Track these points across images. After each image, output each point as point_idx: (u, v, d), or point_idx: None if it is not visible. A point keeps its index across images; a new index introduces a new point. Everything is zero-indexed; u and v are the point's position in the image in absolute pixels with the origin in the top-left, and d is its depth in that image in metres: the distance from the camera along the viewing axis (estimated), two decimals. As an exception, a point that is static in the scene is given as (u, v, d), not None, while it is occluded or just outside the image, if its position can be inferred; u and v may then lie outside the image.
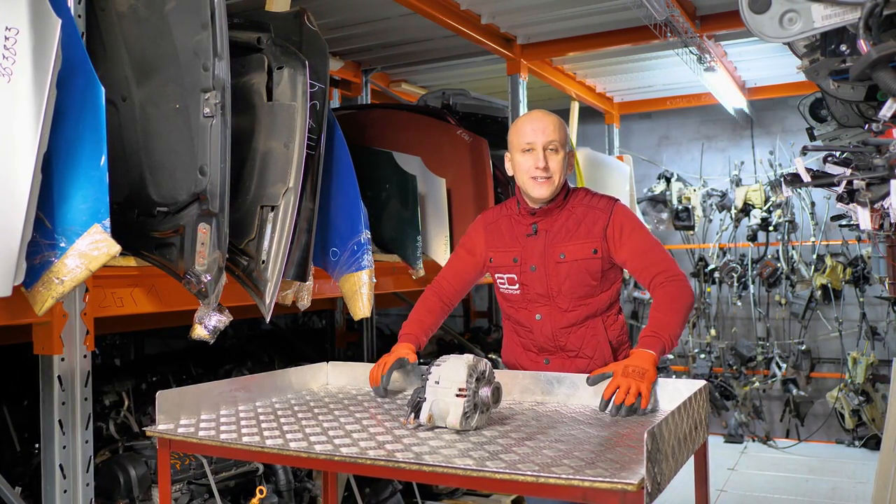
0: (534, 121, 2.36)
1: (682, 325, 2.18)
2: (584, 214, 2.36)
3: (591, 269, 2.33)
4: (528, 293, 2.40)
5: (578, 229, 2.35)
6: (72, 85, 1.92)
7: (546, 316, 2.38)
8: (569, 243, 2.34)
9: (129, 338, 4.55)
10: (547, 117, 2.36)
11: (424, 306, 2.50)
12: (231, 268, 2.47)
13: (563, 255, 2.33)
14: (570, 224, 2.36)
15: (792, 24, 1.62)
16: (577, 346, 2.37)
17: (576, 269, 2.33)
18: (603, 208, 2.36)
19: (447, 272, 2.56)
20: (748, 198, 6.63)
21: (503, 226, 2.48)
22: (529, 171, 2.32)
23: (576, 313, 2.36)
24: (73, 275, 1.91)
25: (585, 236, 2.34)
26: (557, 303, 2.36)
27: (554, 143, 2.31)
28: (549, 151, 2.31)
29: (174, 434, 1.86)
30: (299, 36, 2.74)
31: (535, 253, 2.37)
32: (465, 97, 5.23)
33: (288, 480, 3.19)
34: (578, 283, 2.34)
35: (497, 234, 2.47)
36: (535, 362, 2.42)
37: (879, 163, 2.11)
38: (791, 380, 6.49)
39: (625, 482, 1.36)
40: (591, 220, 2.34)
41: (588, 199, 2.40)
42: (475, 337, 5.67)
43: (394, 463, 1.57)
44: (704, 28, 4.57)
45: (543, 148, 2.31)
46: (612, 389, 1.95)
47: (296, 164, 2.47)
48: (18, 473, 2.82)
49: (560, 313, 2.36)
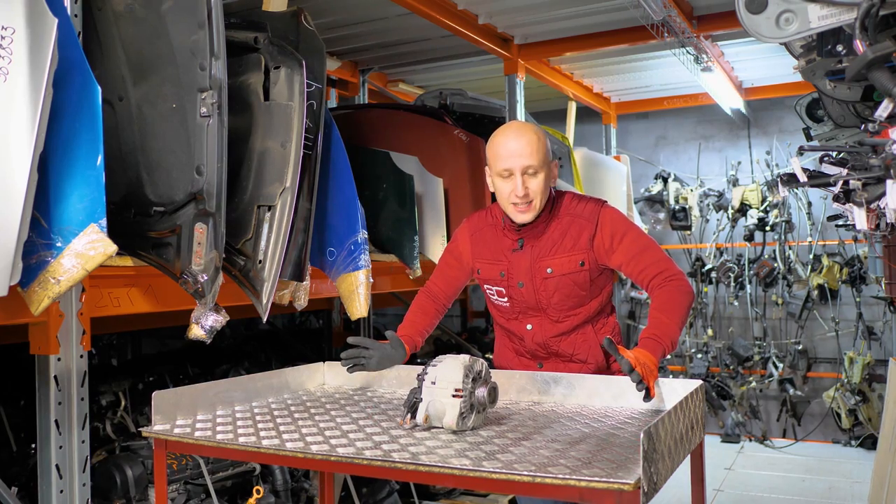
0: (509, 142, 2.22)
1: (682, 325, 2.15)
2: (569, 224, 2.29)
3: (579, 282, 2.29)
4: (517, 306, 2.37)
5: (564, 241, 2.29)
6: (68, 84, 1.92)
7: (537, 326, 2.36)
8: (555, 257, 2.29)
9: (126, 338, 4.54)
10: (523, 136, 2.22)
11: (418, 308, 2.47)
12: (228, 268, 2.47)
13: (551, 270, 2.29)
14: (556, 236, 2.30)
15: (788, 24, 1.62)
16: (570, 351, 2.36)
17: (564, 283, 2.29)
18: (588, 217, 2.29)
19: (437, 279, 2.52)
20: (745, 198, 6.64)
21: (488, 236, 2.41)
22: (509, 197, 2.23)
23: (567, 323, 2.34)
24: (70, 274, 1.90)
25: (571, 249, 2.28)
26: (548, 314, 2.34)
27: (532, 167, 2.20)
28: (528, 176, 2.21)
29: (170, 434, 1.86)
30: (296, 35, 2.74)
31: (522, 268, 2.32)
32: (462, 97, 5.23)
33: (285, 480, 3.19)
34: (567, 296, 2.31)
35: (483, 244, 2.41)
36: (528, 367, 2.41)
37: (875, 163, 2.12)
38: (788, 379, 6.50)
39: (621, 482, 1.37)
40: (577, 230, 2.28)
41: (573, 206, 2.32)
42: (472, 337, 5.67)
43: (390, 463, 1.57)
44: (701, 28, 4.58)
45: (521, 173, 2.20)
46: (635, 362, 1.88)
47: (293, 163, 2.47)
48: (15, 474, 2.81)
49: (551, 324, 2.35)
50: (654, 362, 1.99)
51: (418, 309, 2.47)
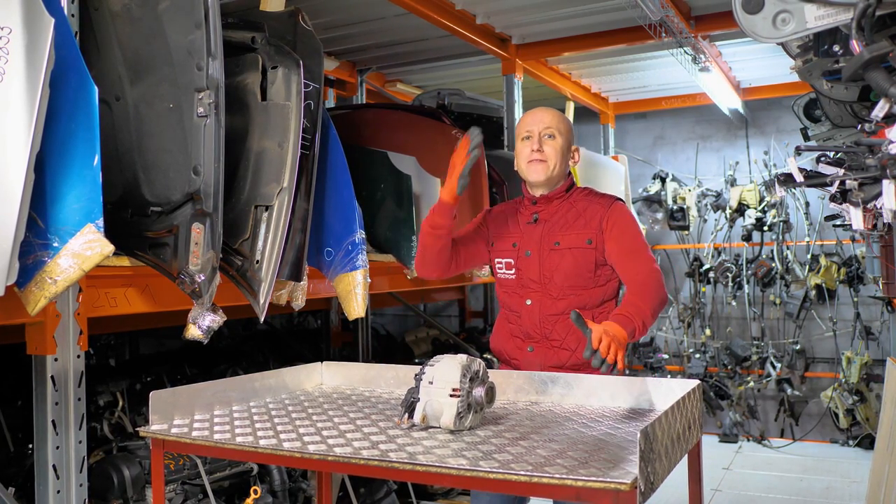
0: (534, 113, 2.48)
1: (654, 315, 2.22)
2: (584, 208, 2.43)
3: (584, 259, 2.38)
4: (521, 278, 2.45)
5: (577, 221, 2.42)
6: (65, 84, 1.92)
7: (536, 302, 2.42)
8: (566, 233, 2.41)
9: (124, 338, 4.54)
10: (549, 111, 2.48)
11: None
12: (225, 268, 2.47)
13: (558, 243, 2.40)
14: (570, 216, 2.43)
15: (785, 24, 1.62)
16: (562, 336, 2.39)
17: (569, 258, 2.38)
18: (604, 204, 2.43)
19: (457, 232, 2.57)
20: (743, 198, 6.64)
21: (508, 213, 2.56)
22: (526, 156, 2.43)
23: (565, 302, 2.39)
24: (67, 275, 1.90)
25: (583, 227, 2.40)
26: (549, 290, 2.41)
27: (550, 130, 2.42)
28: (546, 137, 2.41)
29: (168, 434, 1.86)
30: (294, 35, 2.74)
31: (533, 239, 2.44)
32: (460, 97, 5.24)
33: (282, 480, 3.19)
34: (570, 272, 2.38)
35: (502, 222, 2.56)
36: (519, 349, 2.45)
37: (872, 163, 2.12)
38: (786, 379, 6.51)
39: (618, 482, 1.37)
40: (591, 213, 2.41)
41: (591, 196, 2.48)
42: (470, 337, 5.67)
43: (387, 463, 1.57)
44: (699, 28, 4.58)
45: (540, 134, 2.41)
46: (597, 341, 1.94)
47: (290, 163, 2.47)
48: (12, 474, 2.81)
49: (550, 300, 2.40)
50: (623, 335, 2.04)
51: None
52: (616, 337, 1.98)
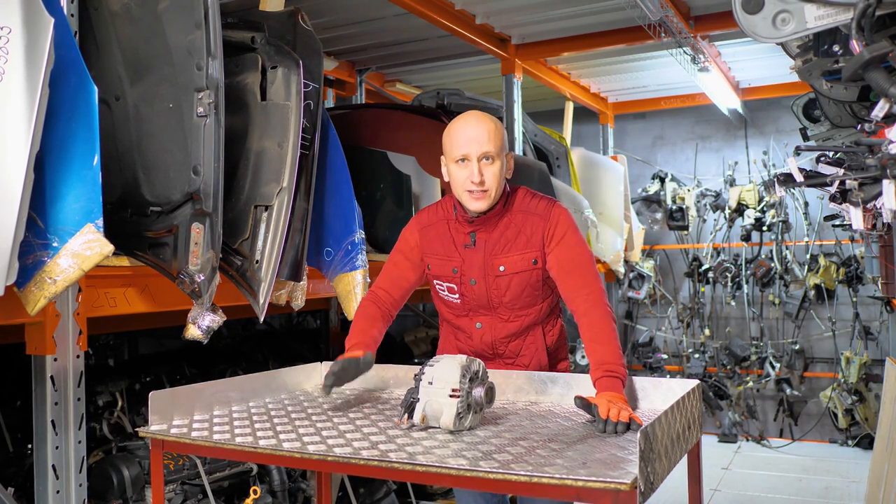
0: (467, 129, 2.19)
1: (620, 345, 2.10)
2: (523, 222, 2.25)
3: (531, 281, 2.26)
4: (468, 303, 2.33)
5: (517, 239, 2.25)
6: (64, 84, 1.92)
7: (487, 325, 2.32)
8: (508, 255, 2.25)
9: (123, 338, 4.53)
10: (482, 124, 2.19)
11: (365, 317, 2.33)
12: (225, 268, 2.47)
13: (503, 268, 2.25)
14: (510, 233, 2.26)
15: (785, 24, 1.63)
16: (515, 352, 2.34)
17: (516, 282, 2.25)
18: (542, 213, 2.25)
19: (382, 281, 2.40)
20: (742, 198, 6.65)
21: (440, 230, 2.34)
22: (465, 184, 2.19)
23: (517, 323, 2.31)
24: (66, 275, 1.90)
25: (525, 246, 2.24)
26: (499, 313, 2.31)
27: (489, 154, 2.17)
28: (484, 163, 2.17)
29: (167, 434, 1.86)
30: (293, 35, 2.74)
31: (475, 265, 2.27)
32: (459, 97, 5.23)
33: (282, 481, 3.19)
34: (519, 295, 2.27)
35: (435, 239, 2.34)
36: None
37: (872, 163, 2.12)
38: (785, 379, 6.51)
39: (618, 482, 1.37)
40: (531, 228, 2.24)
41: (527, 202, 2.28)
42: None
43: (387, 463, 1.57)
44: (698, 28, 4.59)
45: (478, 160, 2.16)
46: (606, 411, 1.84)
47: (290, 163, 2.47)
48: (11, 474, 2.81)
49: (501, 323, 2.31)
50: (620, 394, 1.95)
51: (365, 318, 2.32)
52: (615, 400, 1.89)
